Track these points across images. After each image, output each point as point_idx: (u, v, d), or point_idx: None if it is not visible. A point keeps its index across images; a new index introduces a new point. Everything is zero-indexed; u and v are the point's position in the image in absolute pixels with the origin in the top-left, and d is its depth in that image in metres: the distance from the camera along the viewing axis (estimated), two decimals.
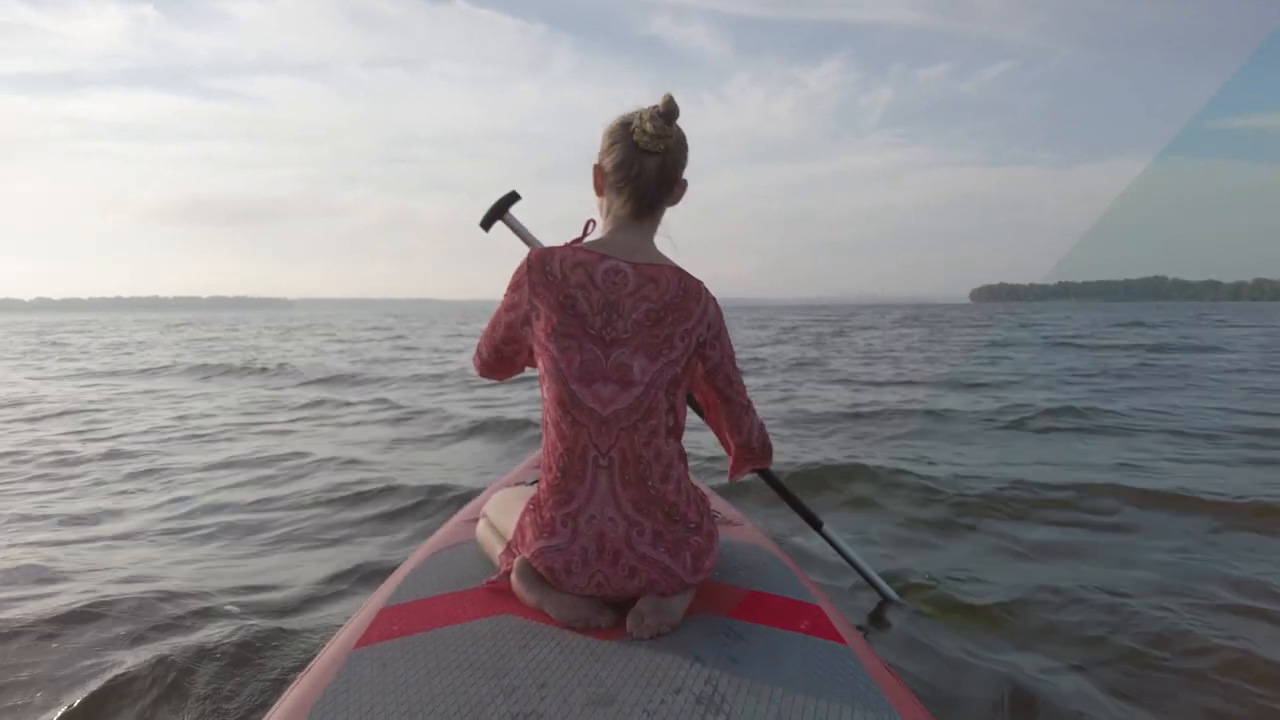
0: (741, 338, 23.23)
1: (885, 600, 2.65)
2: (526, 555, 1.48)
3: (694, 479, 1.58)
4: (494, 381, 1.63)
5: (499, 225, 2.17)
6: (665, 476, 1.45)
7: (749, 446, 1.66)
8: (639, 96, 1.49)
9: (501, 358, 1.59)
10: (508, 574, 1.52)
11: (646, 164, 1.46)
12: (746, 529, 2.04)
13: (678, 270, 1.49)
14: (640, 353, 1.42)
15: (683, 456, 1.51)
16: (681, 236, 1.58)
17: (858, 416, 7.39)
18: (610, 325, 1.43)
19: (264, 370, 13.56)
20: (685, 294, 1.46)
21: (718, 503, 2.18)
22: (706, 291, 1.50)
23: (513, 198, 2.17)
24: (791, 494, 2.43)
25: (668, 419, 1.46)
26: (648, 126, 1.44)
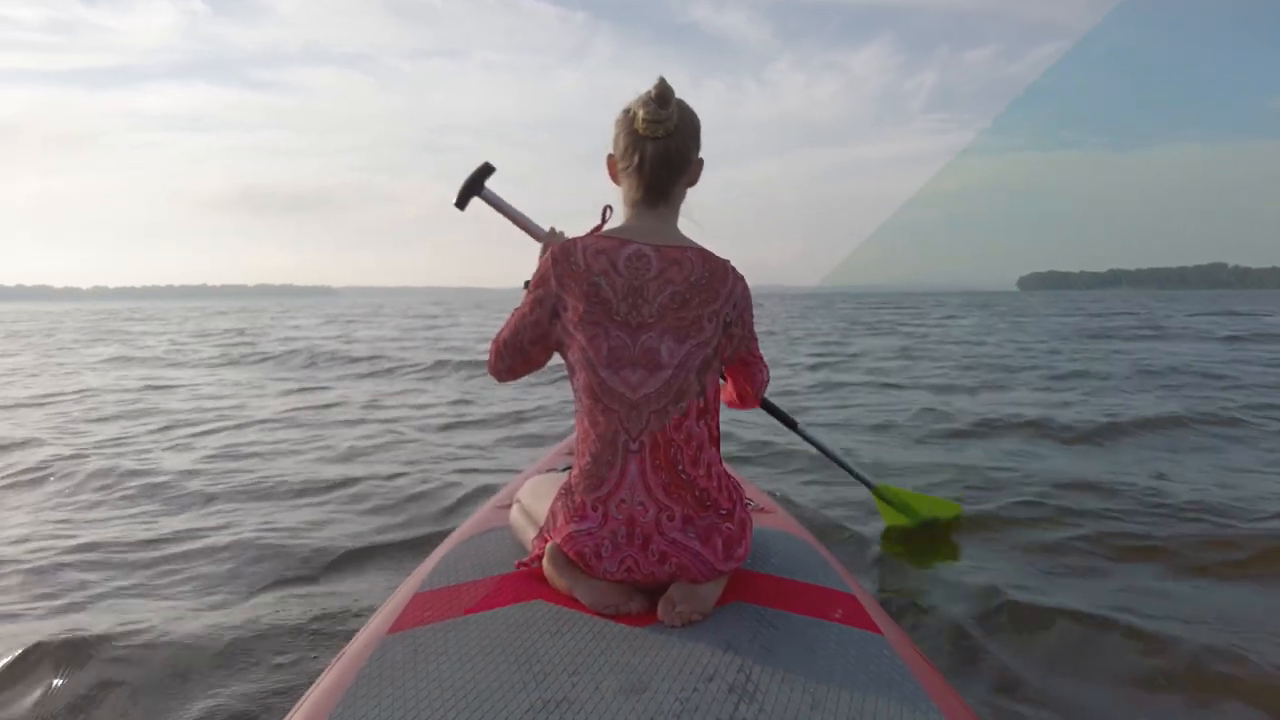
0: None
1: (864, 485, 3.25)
2: (557, 540, 1.48)
3: (728, 467, 1.57)
4: (506, 382, 1.66)
5: (476, 202, 2.00)
6: (696, 460, 1.44)
7: (757, 394, 1.77)
8: (679, 83, 1.48)
9: (526, 358, 1.58)
10: (539, 559, 1.53)
11: (648, 150, 1.46)
12: (779, 516, 2.02)
13: (702, 252, 1.49)
14: (668, 335, 1.43)
15: (714, 440, 1.50)
16: (722, 222, 1.56)
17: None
18: (636, 310, 1.43)
19: None
20: (711, 275, 1.46)
21: (751, 491, 2.16)
22: (733, 271, 1.50)
23: (487, 169, 2.00)
24: (770, 403, 2.65)
25: (698, 401, 1.46)
26: (642, 113, 1.45)
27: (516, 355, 1.58)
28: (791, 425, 2.93)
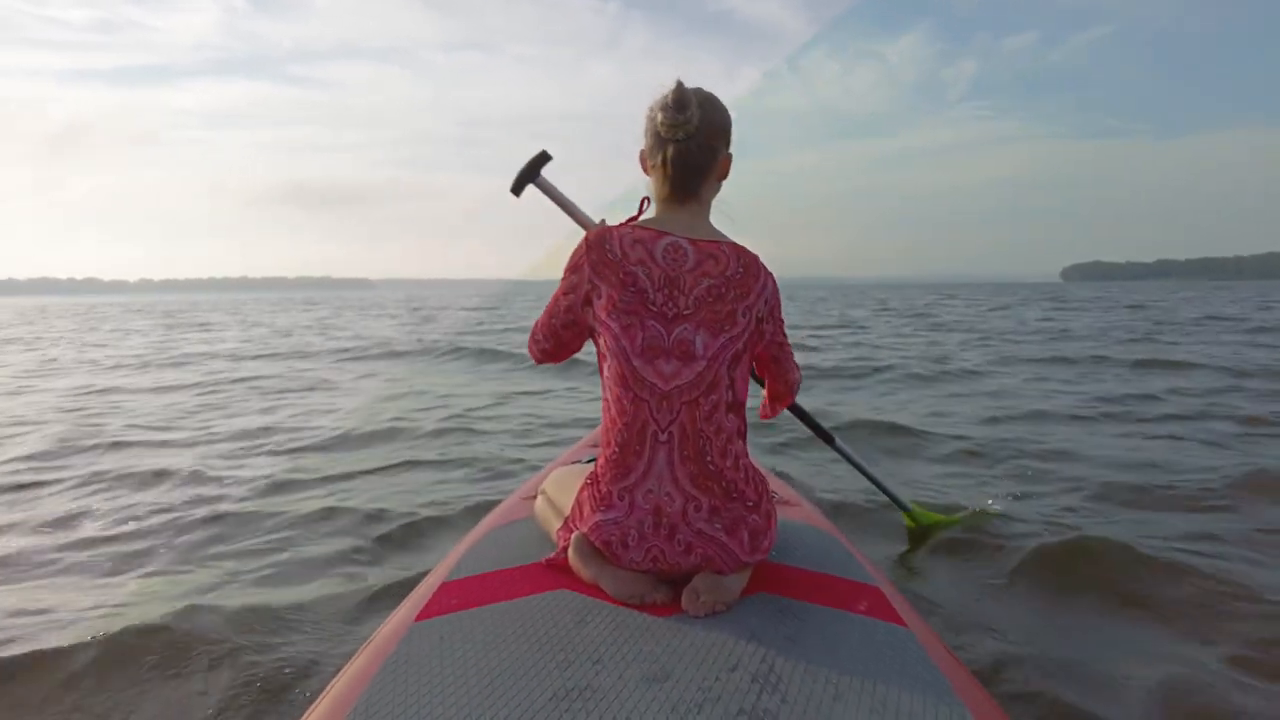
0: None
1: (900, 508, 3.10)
2: (584, 530, 1.49)
3: (754, 460, 1.57)
4: (551, 365, 1.70)
5: (531, 189, 2.05)
6: (724, 452, 1.45)
7: (790, 391, 1.79)
8: (713, 73, 1.46)
9: (560, 342, 1.61)
10: (565, 550, 1.54)
11: (670, 151, 1.49)
12: (805, 509, 2.01)
13: (735, 246, 1.51)
14: (704, 328, 1.44)
15: (742, 433, 1.51)
16: (756, 213, 1.56)
17: None
18: (672, 301, 1.45)
19: None
20: (745, 270, 1.48)
21: (775, 483, 2.16)
22: (764, 267, 1.52)
23: (544, 158, 2.05)
24: (808, 415, 2.63)
25: (728, 394, 1.47)
26: (660, 117, 1.47)
27: (552, 339, 1.61)
28: (828, 440, 2.77)
